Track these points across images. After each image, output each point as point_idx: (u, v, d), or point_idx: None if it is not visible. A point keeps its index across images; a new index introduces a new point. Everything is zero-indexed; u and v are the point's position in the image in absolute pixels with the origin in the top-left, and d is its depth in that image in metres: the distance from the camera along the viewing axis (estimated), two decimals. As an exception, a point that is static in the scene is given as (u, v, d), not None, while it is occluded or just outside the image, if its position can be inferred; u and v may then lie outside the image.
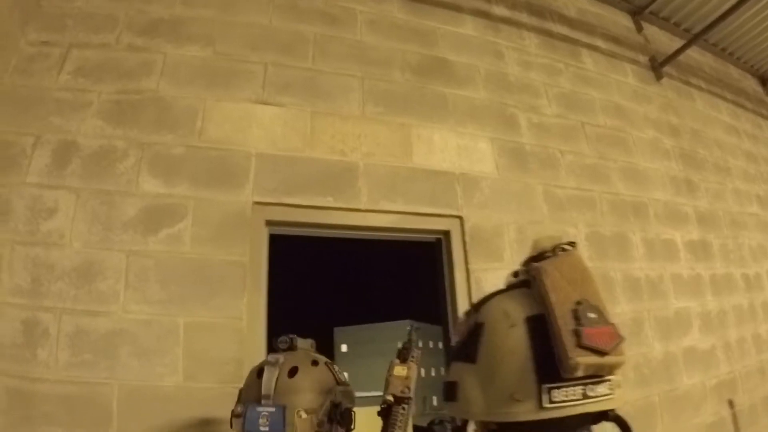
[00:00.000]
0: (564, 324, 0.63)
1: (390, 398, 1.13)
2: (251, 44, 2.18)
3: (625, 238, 2.62)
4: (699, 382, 2.78)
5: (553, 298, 0.66)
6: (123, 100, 1.96)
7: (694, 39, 3.38)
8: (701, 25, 3.50)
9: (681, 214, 2.99)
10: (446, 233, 2.12)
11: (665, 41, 3.59)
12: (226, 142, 1.98)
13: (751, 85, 4.33)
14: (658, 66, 3.32)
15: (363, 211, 2.02)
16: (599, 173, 2.67)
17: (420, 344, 1.24)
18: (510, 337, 0.67)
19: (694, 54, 3.67)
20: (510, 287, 0.76)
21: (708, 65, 3.83)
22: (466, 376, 0.71)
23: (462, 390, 0.71)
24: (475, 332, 0.72)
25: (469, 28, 2.67)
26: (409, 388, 1.14)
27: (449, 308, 2.06)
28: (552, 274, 0.68)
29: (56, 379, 1.59)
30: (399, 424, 1.12)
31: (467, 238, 2.12)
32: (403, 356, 1.22)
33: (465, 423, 0.81)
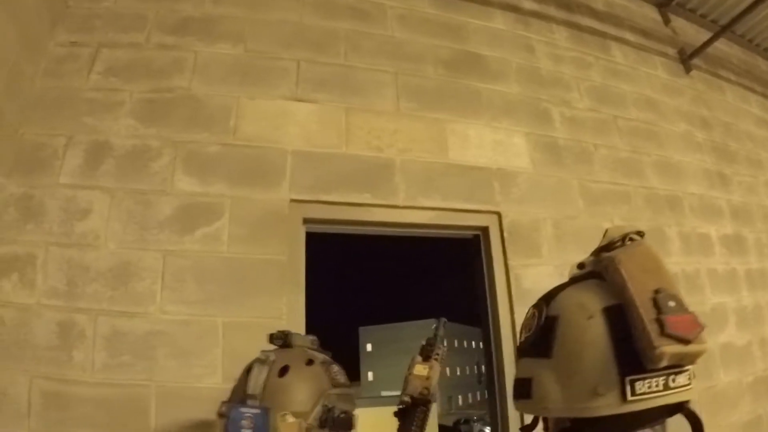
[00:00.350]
0: (646, 313, 0.62)
1: (407, 399, 1.04)
2: (283, 41, 2.17)
3: (661, 232, 2.58)
4: (736, 380, 2.73)
5: (631, 287, 0.64)
6: (155, 98, 1.96)
7: (721, 31, 3.33)
8: (728, 17, 3.44)
9: (715, 207, 2.94)
10: (484, 229, 2.10)
11: (693, 33, 3.54)
12: (261, 140, 1.97)
13: (779, 77, 4.25)
14: (686, 58, 3.27)
15: (400, 207, 2.00)
16: (633, 167, 2.63)
17: (445, 343, 1.16)
18: (588, 329, 0.65)
19: (722, 46, 3.61)
20: (577, 279, 0.75)
21: (736, 57, 3.77)
22: (542, 372, 0.69)
23: (537, 386, 0.69)
24: (548, 326, 0.70)
25: (499, 22, 2.64)
26: (428, 390, 1.05)
27: (489, 306, 2.03)
28: (626, 263, 0.67)
29: (93, 381, 1.59)
30: (414, 429, 1.03)
31: (506, 234, 2.10)
32: (425, 353, 1.13)
33: (535, 420, 0.79)
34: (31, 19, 1.84)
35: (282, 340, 1.15)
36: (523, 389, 0.71)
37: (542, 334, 0.70)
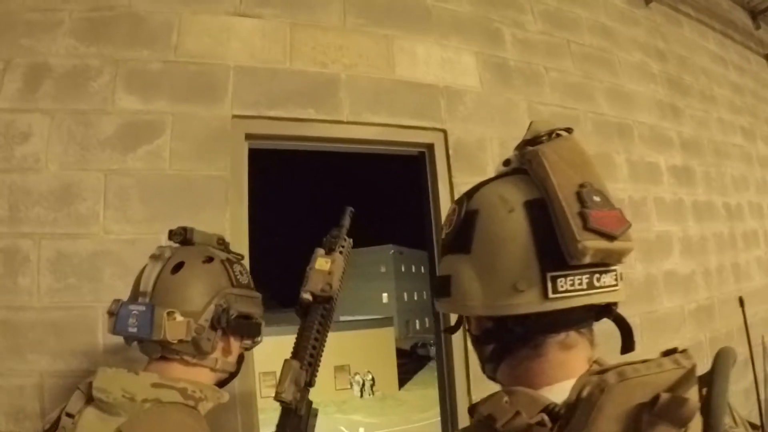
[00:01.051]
0: (569, 206, 0.59)
1: (308, 296, 0.97)
2: (227, -46, 2.08)
3: (609, 158, 2.63)
4: (678, 306, 2.86)
5: (555, 180, 0.61)
6: (95, 17, 1.88)
7: (684, -36, 3.31)
8: (692, -49, 3.42)
9: (665, 138, 3.00)
10: (430, 146, 2.11)
11: (655, -34, 3.50)
12: (203, 56, 1.92)
13: (740, 17, 4.27)
14: (647, -10, 3.25)
15: (345, 123, 1.98)
16: (584, 92, 2.64)
17: (348, 239, 1.08)
18: (509, 222, 0.62)
19: (683, -19, 3.59)
20: (502, 175, 0.71)
21: (697, -7, 3.76)
22: (461, 268, 0.66)
23: (457, 283, 0.66)
24: (468, 220, 0.66)
25: (454, -61, 2.56)
26: (330, 285, 0.99)
27: (433, 223, 2.06)
28: (551, 156, 0.63)
29: (40, 305, 1.59)
30: (317, 326, 0.98)
31: (451, 152, 2.11)
32: (329, 245, 1.04)
33: (459, 321, 0.77)
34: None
35: (181, 236, 1.07)
36: (443, 287, 0.68)
37: (462, 229, 0.67)
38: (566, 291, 0.59)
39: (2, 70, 1.76)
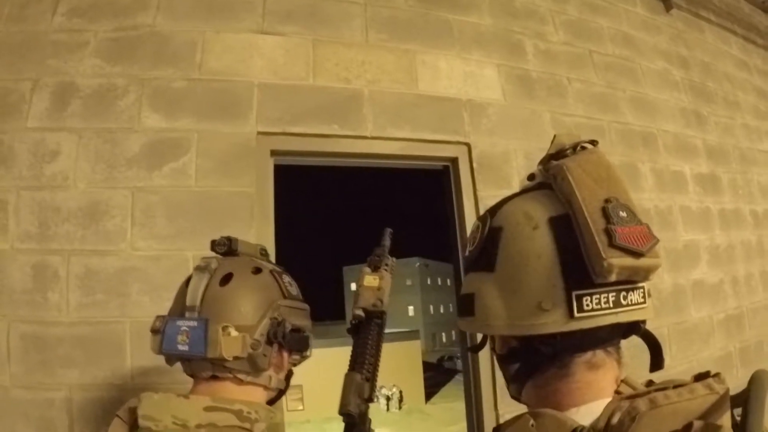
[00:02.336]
0: (594, 223, 0.57)
1: (360, 313, 0.94)
2: (248, -27, 2.10)
3: (634, 168, 2.59)
4: (707, 316, 2.80)
5: (580, 195, 0.59)
6: (120, 37, 1.92)
7: (704, -31, 3.27)
8: (712, -44, 3.38)
9: (690, 146, 2.95)
10: (454, 160, 2.10)
11: (674, -28, 3.47)
12: (227, 74, 1.94)
13: (762, 21, 4.20)
14: (667, -3, 3.22)
15: (369, 138, 1.98)
16: (608, 102, 2.62)
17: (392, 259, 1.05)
18: (533, 240, 0.61)
19: (704, -14, 3.55)
20: (527, 190, 0.69)
21: (718, -2, 3.71)
22: (485, 286, 0.64)
23: (480, 302, 0.64)
24: (492, 238, 0.65)
25: (473, -47, 2.56)
26: (381, 301, 0.96)
27: (458, 237, 2.04)
28: (575, 170, 0.61)
29: (69, 321, 1.61)
30: (370, 342, 0.93)
31: (475, 165, 2.09)
32: (374, 264, 1.02)
33: (484, 340, 0.75)
34: (-9, -37, 1.78)
35: (226, 246, 1.01)
36: (467, 306, 0.67)
37: (486, 247, 0.65)
38: (592, 310, 0.57)
39: (31, 90, 1.81)
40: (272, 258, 1.83)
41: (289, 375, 1.04)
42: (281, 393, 1.03)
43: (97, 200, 1.74)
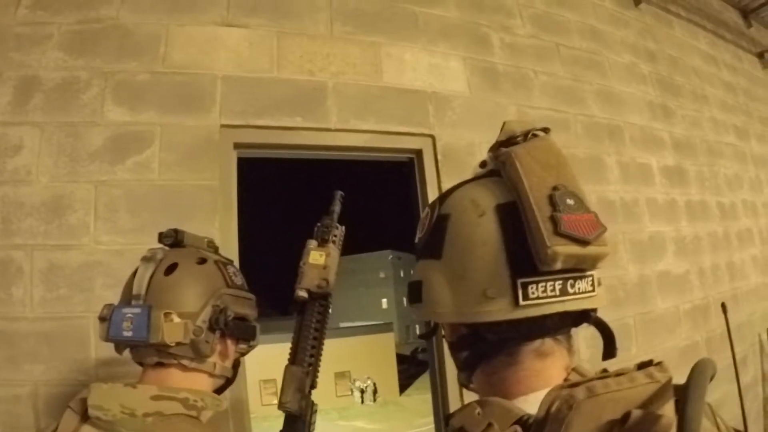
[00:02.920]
0: (540, 210, 0.57)
1: (303, 294, 0.93)
2: (213, -34, 2.09)
3: (599, 160, 2.63)
4: (673, 306, 2.86)
5: (527, 182, 0.59)
6: (84, 30, 1.89)
7: (673, -35, 3.32)
8: (681, -49, 3.43)
9: (657, 139, 3.00)
10: (418, 152, 2.11)
11: (645, -33, 3.51)
12: (191, 67, 1.93)
13: (732, 16, 4.28)
14: (636, -9, 3.26)
15: (333, 130, 1.98)
16: (574, 95, 2.65)
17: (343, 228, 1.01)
18: (479, 227, 0.60)
19: (673, -19, 3.60)
20: (477, 177, 0.69)
21: (688, -7, 3.77)
22: (432, 274, 0.64)
23: (428, 289, 0.64)
24: (439, 225, 0.65)
25: (440, -55, 2.57)
26: (327, 281, 0.94)
27: (424, 228, 2.06)
28: (524, 157, 0.61)
29: (34, 316, 1.60)
30: (315, 325, 0.95)
31: (439, 157, 2.11)
32: (321, 236, 0.98)
33: (435, 327, 0.75)
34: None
35: (172, 238, 1.03)
36: (415, 293, 0.66)
37: (433, 234, 0.65)
38: (538, 298, 0.57)
39: None
40: (235, 251, 1.86)
41: (237, 364, 1.07)
42: (229, 381, 1.06)
43: (60, 194, 1.72)
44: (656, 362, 0.54)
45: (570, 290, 0.58)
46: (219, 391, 1.02)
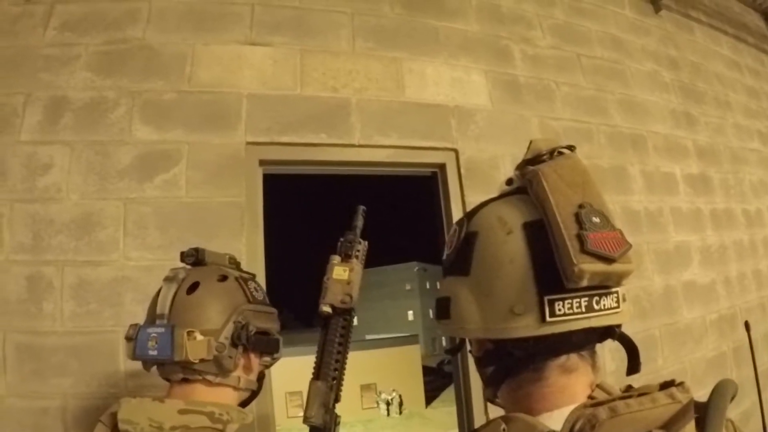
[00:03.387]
0: (566, 228, 0.58)
1: (327, 309, 0.94)
2: (237, -15, 2.13)
3: (623, 170, 2.61)
4: (699, 317, 2.81)
5: (553, 201, 0.60)
6: (111, 50, 1.94)
7: (693, -30, 3.29)
8: (701, -44, 3.39)
9: (680, 147, 2.96)
10: (441, 166, 2.11)
11: (663, -26, 3.48)
12: (216, 85, 1.97)
13: (753, 20, 4.22)
14: (656, -2, 3.23)
15: (357, 146, 2.01)
16: (596, 105, 2.63)
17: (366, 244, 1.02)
18: (507, 244, 0.61)
19: (693, -14, 3.56)
20: (504, 195, 0.70)
21: (708, -2, 3.73)
22: (460, 290, 0.65)
23: (455, 306, 0.65)
24: (467, 242, 0.66)
25: (459, -41, 2.58)
26: (351, 297, 0.95)
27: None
28: (550, 176, 0.62)
29: (63, 330, 1.64)
30: (339, 339, 0.95)
31: (463, 171, 2.11)
32: (344, 251, 0.99)
33: (461, 343, 0.76)
34: (-19, -21, 1.81)
35: (194, 257, 1.06)
36: (443, 309, 0.67)
37: (461, 251, 0.66)
38: (564, 314, 0.58)
39: (23, 104, 1.83)
40: (261, 265, 1.87)
41: (261, 376, 1.10)
42: (254, 394, 1.08)
43: (90, 212, 1.76)
44: (678, 382, 0.55)
45: (595, 307, 0.59)
46: (245, 404, 1.05)
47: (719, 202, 3.11)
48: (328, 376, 0.93)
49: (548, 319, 0.58)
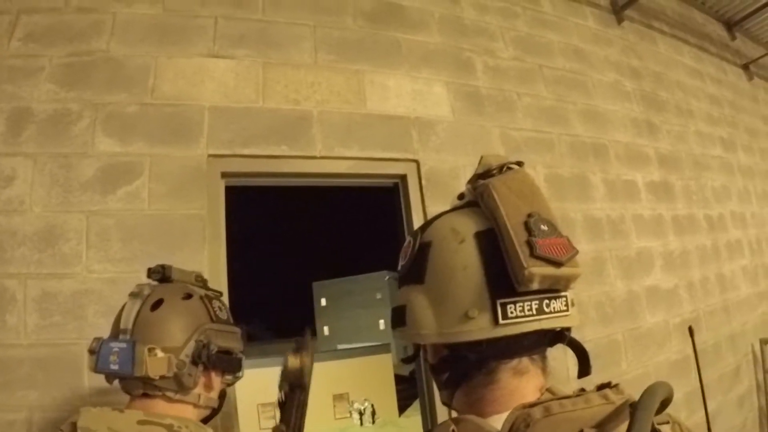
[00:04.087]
0: (516, 235, 0.61)
1: (285, 388, 1.12)
2: (200, -2, 2.15)
3: (584, 179, 2.66)
4: (662, 321, 2.88)
5: (504, 210, 0.63)
6: (75, 62, 1.93)
7: (655, -18, 3.38)
8: (663, -32, 3.49)
9: (642, 155, 3.04)
10: (403, 177, 2.14)
11: (627, -16, 3.57)
12: (179, 98, 1.97)
13: (716, 29, 4.35)
14: (619, 9, 3.31)
15: (318, 158, 2.02)
16: (558, 115, 2.69)
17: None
18: (460, 252, 0.65)
19: (656, -3, 3.66)
20: (456, 208, 0.74)
21: (671, 9, 3.83)
22: (415, 297, 0.68)
23: (411, 312, 0.68)
24: (421, 252, 0.69)
25: (422, -27, 2.61)
26: (304, 378, 1.12)
27: (410, 252, 2.08)
28: (500, 188, 0.66)
29: (28, 343, 1.62)
30: (295, 412, 1.08)
31: (424, 182, 2.14)
32: (296, 348, 1.18)
33: (416, 351, 0.79)
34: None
35: (160, 274, 1.07)
36: (399, 317, 0.70)
37: (416, 261, 0.69)
38: (516, 317, 0.61)
39: None
40: (224, 278, 1.89)
41: (223, 394, 1.12)
42: (215, 411, 1.10)
43: (53, 224, 1.75)
44: (613, 384, 0.59)
45: (546, 309, 0.62)
46: (205, 420, 1.06)
47: (681, 208, 3.19)
48: (289, 426, 1.05)
49: (501, 321, 0.61)
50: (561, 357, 0.68)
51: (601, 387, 0.59)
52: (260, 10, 2.18)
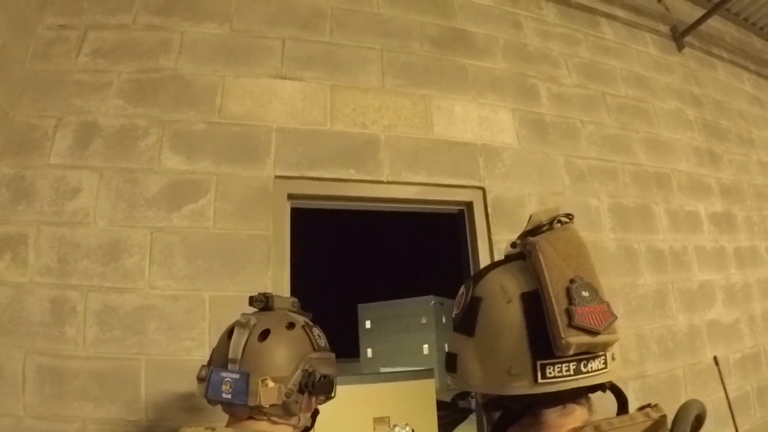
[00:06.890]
0: (557, 303, 0.65)
1: None
2: (268, 20, 2.17)
3: (648, 209, 2.59)
4: (723, 356, 2.75)
5: (548, 275, 0.67)
6: (142, 78, 1.97)
7: (715, 8, 3.28)
8: (723, -6, 3.41)
9: (704, 185, 2.94)
10: (469, 204, 2.11)
11: (686, 11, 3.51)
12: (246, 118, 1.99)
13: (775, 55, 4.22)
14: (679, 36, 3.25)
15: (385, 183, 2.02)
16: (621, 144, 2.63)
17: None
18: (507, 312, 0.69)
19: (715, 24, 3.58)
20: (507, 259, 0.78)
21: (730, 35, 3.74)
22: (465, 349, 0.73)
23: (461, 362, 0.73)
24: (473, 306, 0.74)
25: (487, -2, 2.61)
26: None
27: (472, 280, 2.04)
28: (546, 250, 0.69)
29: (85, 355, 1.63)
30: None
31: (489, 209, 2.11)
32: None
33: (466, 392, 0.85)
34: (19, 2, 1.85)
35: (263, 303, 1.12)
36: (451, 363, 0.76)
37: (467, 313, 0.75)
38: (554, 377, 0.65)
39: (54, 128, 1.86)
40: (288, 295, 1.86)
41: (315, 413, 1.15)
42: (307, 430, 1.13)
43: (117, 238, 1.77)
44: (653, 404, 0.66)
45: (583, 369, 0.67)
46: None
47: (743, 240, 3.07)
48: None
49: (540, 380, 0.66)
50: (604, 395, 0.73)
51: (642, 408, 0.66)
52: (327, 32, 2.19)
